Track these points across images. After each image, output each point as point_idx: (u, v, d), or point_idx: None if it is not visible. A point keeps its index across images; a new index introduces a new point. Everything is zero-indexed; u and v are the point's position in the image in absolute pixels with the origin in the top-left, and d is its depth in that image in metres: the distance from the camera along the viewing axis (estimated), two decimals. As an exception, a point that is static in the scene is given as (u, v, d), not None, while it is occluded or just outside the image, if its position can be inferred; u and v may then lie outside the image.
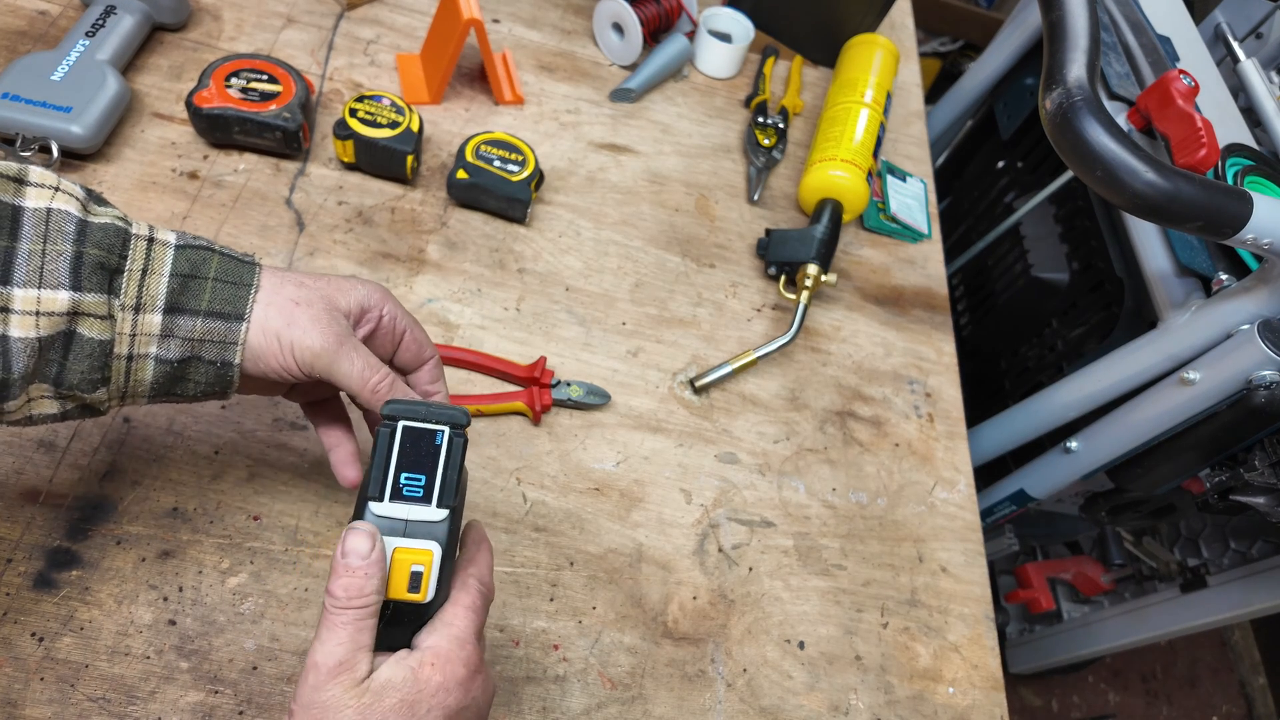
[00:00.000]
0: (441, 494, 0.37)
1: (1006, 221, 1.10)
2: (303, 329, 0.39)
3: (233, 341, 0.38)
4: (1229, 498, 0.78)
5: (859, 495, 0.67)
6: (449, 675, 0.35)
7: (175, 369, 0.38)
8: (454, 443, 0.38)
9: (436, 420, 0.38)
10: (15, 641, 0.44)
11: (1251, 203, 0.53)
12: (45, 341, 0.34)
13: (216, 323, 0.38)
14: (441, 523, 0.37)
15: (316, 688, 0.33)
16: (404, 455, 0.37)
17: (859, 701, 0.58)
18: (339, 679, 0.33)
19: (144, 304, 0.36)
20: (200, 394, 0.40)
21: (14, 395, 0.34)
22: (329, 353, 0.40)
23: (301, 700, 0.33)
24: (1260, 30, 0.92)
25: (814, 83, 0.97)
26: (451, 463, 0.38)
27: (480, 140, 0.70)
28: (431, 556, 0.36)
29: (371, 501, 0.37)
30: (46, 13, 0.69)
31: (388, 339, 0.44)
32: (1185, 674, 1.67)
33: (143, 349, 0.37)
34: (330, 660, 0.33)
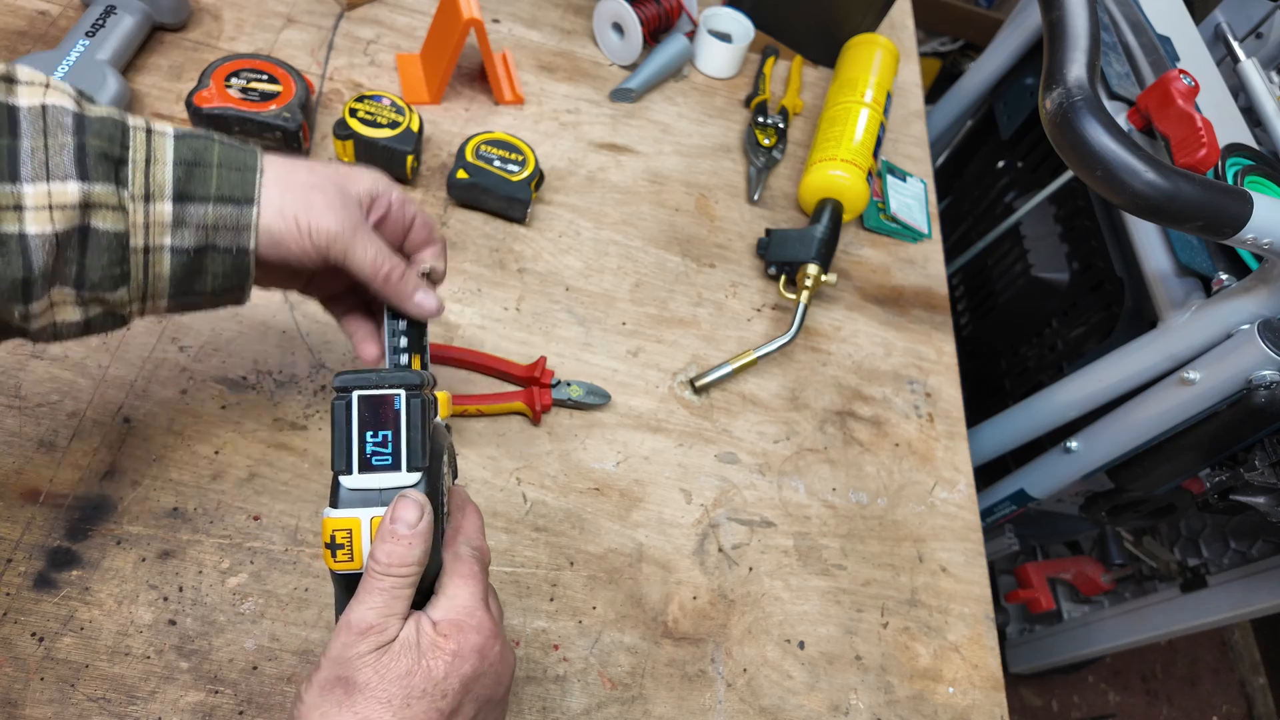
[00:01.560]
0: (410, 458, 0.37)
1: (1007, 221, 1.10)
2: (319, 212, 0.40)
3: (245, 226, 0.38)
4: (1229, 497, 0.78)
5: (859, 495, 0.67)
6: (463, 643, 0.36)
7: (191, 260, 0.38)
8: (412, 405, 0.37)
9: (390, 385, 0.38)
10: (15, 641, 0.44)
11: (1251, 202, 0.53)
12: (62, 237, 0.34)
13: (228, 208, 0.38)
14: (415, 486, 0.37)
15: (347, 645, 0.34)
16: (365, 425, 0.37)
17: (859, 701, 0.58)
18: (368, 638, 0.34)
19: (153, 193, 0.36)
20: (219, 290, 0.40)
21: (37, 295, 0.35)
22: (345, 237, 0.40)
23: (329, 655, 0.34)
24: (1260, 30, 0.92)
25: (814, 83, 0.97)
26: (413, 424, 0.37)
27: (480, 140, 0.70)
28: None
29: (341, 476, 0.36)
30: (47, 13, 0.69)
31: (398, 225, 0.45)
32: (1185, 674, 1.67)
33: (157, 240, 0.37)
34: (362, 622, 0.34)
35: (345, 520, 0.36)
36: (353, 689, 0.33)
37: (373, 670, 0.33)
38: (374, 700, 0.33)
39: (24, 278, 0.34)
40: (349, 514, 0.36)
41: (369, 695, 0.33)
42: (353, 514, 0.36)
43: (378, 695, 0.33)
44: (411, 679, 0.34)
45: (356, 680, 0.33)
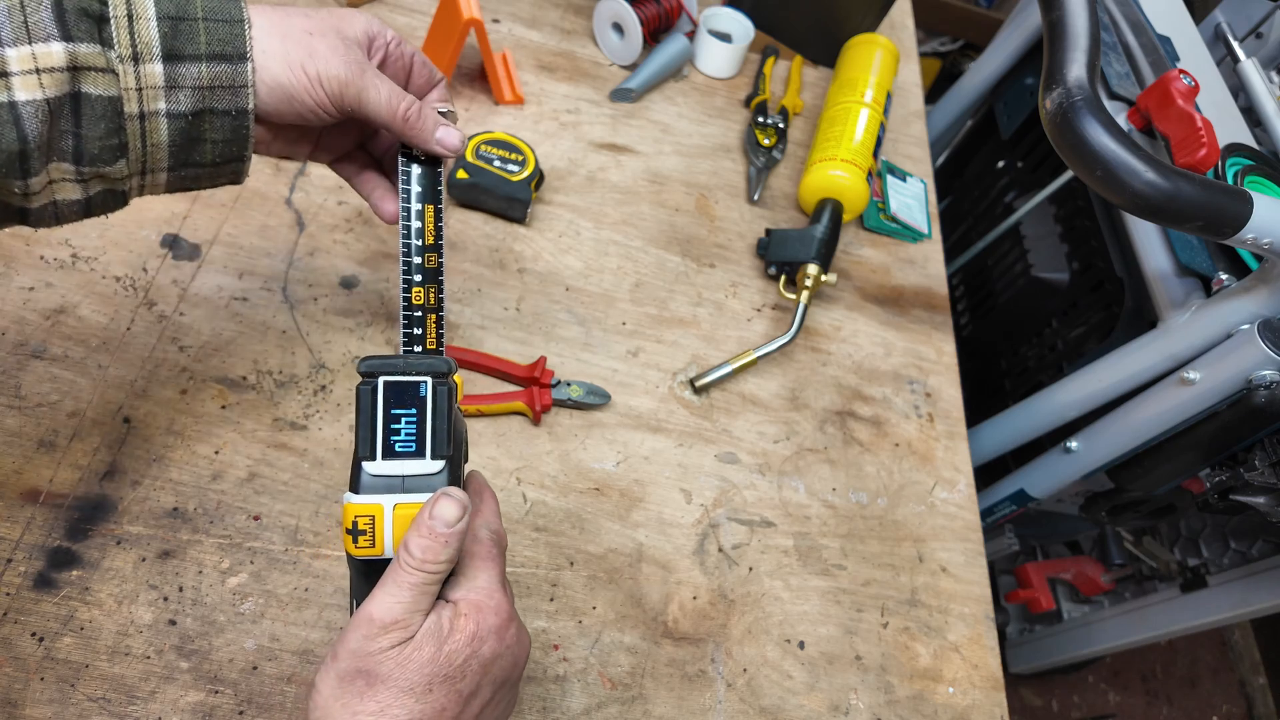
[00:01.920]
0: (434, 445, 0.37)
1: (1007, 221, 1.10)
2: (325, 59, 0.39)
3: (243, 84, 0.37)
4: (1229, 497, 0.78)
5: (859, 495, 0.67)
6: (481, 624, 0.36)
7: (190, 125, 0.37)
8: (439, 392, 0.37)
9: (417, 371, 0.37)
10: (15, 641, 0.44)
11: (1251, 202, 0.53)
12: (54, 104, 0.33)
13: (221, 66, 0.36)
14: (439, 474, 0.37)
15: (368, 638, 0.33)
16: (390, 411, 0.37)
17: (859, 701, 0.58)
18: (390, 634, 0.34)
19: (140, 53, 0.35)
20: (219, 158, 0.39)
21: (35, 170, 0.34)
22: (356, 80, 0.39)
23: (348, 646, 0.34)
24: (1260, 30, 0.92)
25: (814, 82, 0.97)
26: (439, 412, 0.37)
27: (480, 140, 0.70)
28: None
29: (365, 462, 0.36)
30: (46, 13, 0.69)
31: (399, 67, 0.44)
32: (1185, 674, 1.67)
33: (152, 104, 0.36)
34: (387, 616, 0.34)
35: (368, 506, 0.36)
36: (374, 680, 0.33)
37: (395, 663, 0.33)
38: (395, 689, 0.33)
39: (20, 150, 0.33)
40: (372, 500, 0.36)
41: (391, 685, 0.33)
42: (375, 500, 0.36)
43: (399, 684, 0.33)
44: (433, 665, 0.34)
45: (378, 673, 0.33)
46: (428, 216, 0.43)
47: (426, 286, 0.43)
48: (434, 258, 0.43)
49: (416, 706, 0.33)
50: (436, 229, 0.43)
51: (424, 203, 0.43)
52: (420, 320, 0.42)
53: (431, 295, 0.43)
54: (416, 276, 0.43)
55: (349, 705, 0.33)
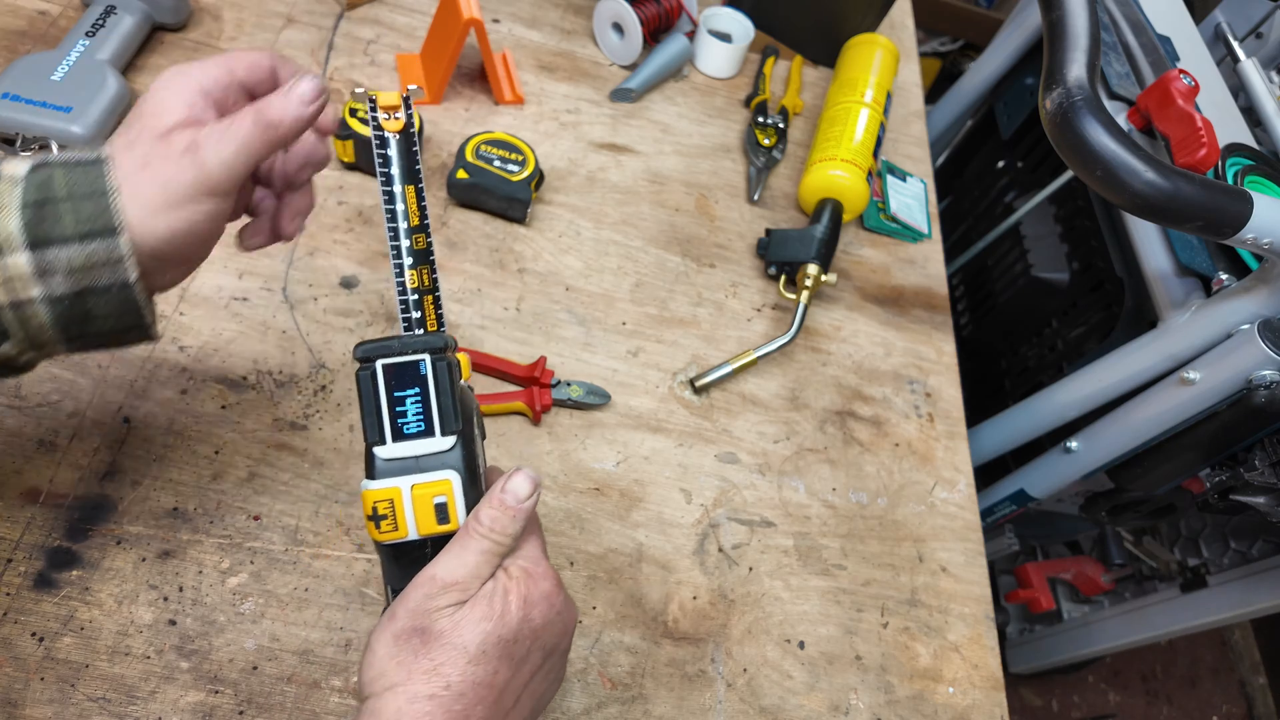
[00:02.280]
0: (443, 422, 0.37)
1: (1007, 221, 1.10)
2: (174, 179, 0.35)
3: (118, 259, 0.34)
4: (1229, 497, 0.78)
5: (859, 495, 0.67)
6: (532, 590, 0.36)
7: (72, 305, 0.35)
8: (439, 368, 0.37)
9: (414, 350, 0.37)
10: (15, 641, 0.44)
11: (1251, 202, 0.53)
12: None
13: (94, 244, 0.34)
14: (452, 450, 0.37)
15: (429, 596, 0.34)
16: (392, 394, 0.36)
17: (859, 701, 0.58)
18: (449, 593, 0.34)
19: (3, 246, 0.33)
20: (116, 329, 0.37)
21: None
22: (209, 173, 0.36)
23: (407, 605, 0.34)
24: (1260, 30, 0.92)
25: (814, 82, 0.97)
26: (443, 389, 0.37)
27: (480, 140, 0.70)
28: (450, 485, 0.36)
29: (376, 448, 0.36)
30: (46, 13, 0.69)
31: (254, 86, 0.40)
32: (1185, 674, 1.67)
33: (24, 293, 0.34)
34: (450, 576, 0.35)
35: (385, 491, 0.36)
36: (429, 638, 0.34)
37: (450, 622, 0.34)
38: (450, 648, 0.33)
39: None
40: (388, 484, 0.36)
41: (445, 643, 0.34)
42: (392, 484, 0.36)
43: (454, 643, 0.34)
44: (487, 625, 0.34)
45: (434, 630, 0.34)
46: (410, 197, 0.42)
47: (419, 268, 0.41)
48: (422, 238, 0.42)
49: (469, 667, 0.33)
50: (420, 209, 0.42)
51: (405, 183, 0.42)
52: (418, 303, 0.41)
53: (425, 277, 0.42)
54: (408, 260, 0.41)
55: (404, 663, 0.33)
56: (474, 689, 0.33)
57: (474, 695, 0.33)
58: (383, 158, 0.41)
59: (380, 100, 0.41)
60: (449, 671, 0.33)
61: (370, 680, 0.34)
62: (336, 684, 0.48)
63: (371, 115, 0.41)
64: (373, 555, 0.52)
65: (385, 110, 0.41)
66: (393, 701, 0.33)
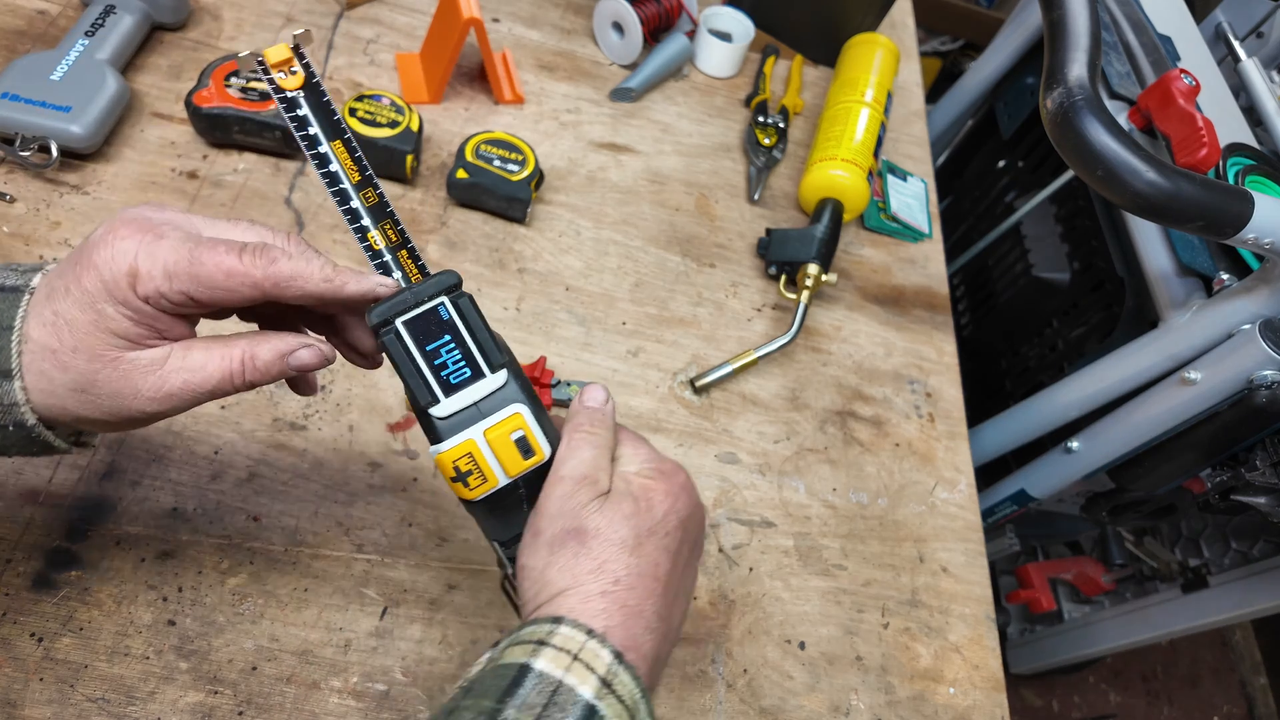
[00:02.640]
0: (487, 359, 0.35)
1: (1007, 221, 1.10)
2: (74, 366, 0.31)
3: (13, 404, 0.31)
4: (1230, 498, 0.77)
5: (859, 495, 0.67)
6: (672, 481, 0.36)
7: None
8: (460, 306, 0.35)
9: (429, 296, 0.35)
10: (14, 642, 0.44)
11: (1252, 202, 0.53)
12: None
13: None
14: (507, 384, 0.35)
15: (567, 496, 0.34)
16: (424, 348, 0.34)
17: (859, 702, 0.58)
18: (584, 488, 0.34)
19: None
20: (36, 451, 0.34)
21: None
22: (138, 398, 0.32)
23: (548, 512, 0.34)
24: (1261, 29, 0.91)
25: (814, 82, 0.97)
26: (474, 325, 0.35)
27: (480, 140, 0.70)
28: (522, 416, 0.35)
29: (431, 409, 0.34)
30: (46, 12, 0.69)
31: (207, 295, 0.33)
32: (1186, 674, 1.67)
33: None
34: (576, 472, 0.35)
35: (460, 447, 0.34)
36: (585, 536, 0.33)
37: (600, 516, 0.34)
38: (608, 543, 0.33)
39: None
40: (460, 439, 0.34)
41: (603, 539, 0.33)
42: (463, 438, 0.34)
43: (610, 539, 0.33)
44: (637, 519, 0.34)
45: (587, 528, 0.33)
46: (340, 153, 0.37)
47: (381, 225, 0.38)
48: (371, 193, 0.38)
49: (632, 560, 0.33)
50: (357, 162, 0.37)
51: (330, 140, 0.37)
52: (396, 262, 0.37)
53: (391, 232, 0.38)
54: (365, 220, 0.37)
55: (566, 567, 0.33)
56: (641, 581, 0.33)
57: (643, 588, 0.33)
58: (297, 120, 0.37)
59: (269, 58, 0.36)
60: (614, 567, 0.33)
61: (533, 596, 0.33)
62: (336, 684, 0.47)
63: (267, 80, 0.36)
64: (372, 556, 0.52)
65: (278, 68, 0.36)
66: (565, 604, 0.32)
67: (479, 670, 0.32)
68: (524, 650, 0.31)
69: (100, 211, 0.60)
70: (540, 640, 0.31)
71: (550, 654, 0.30)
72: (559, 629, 0.31)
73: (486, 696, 0.29)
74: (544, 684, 0.29)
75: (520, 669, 0.30)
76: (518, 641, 0.32)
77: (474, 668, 0.32)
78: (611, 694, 0.30)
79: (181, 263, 0.31)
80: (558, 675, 0.30)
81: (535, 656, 0.30)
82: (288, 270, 0.33)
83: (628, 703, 0.31)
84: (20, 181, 0.60)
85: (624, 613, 0.32)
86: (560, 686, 0.29)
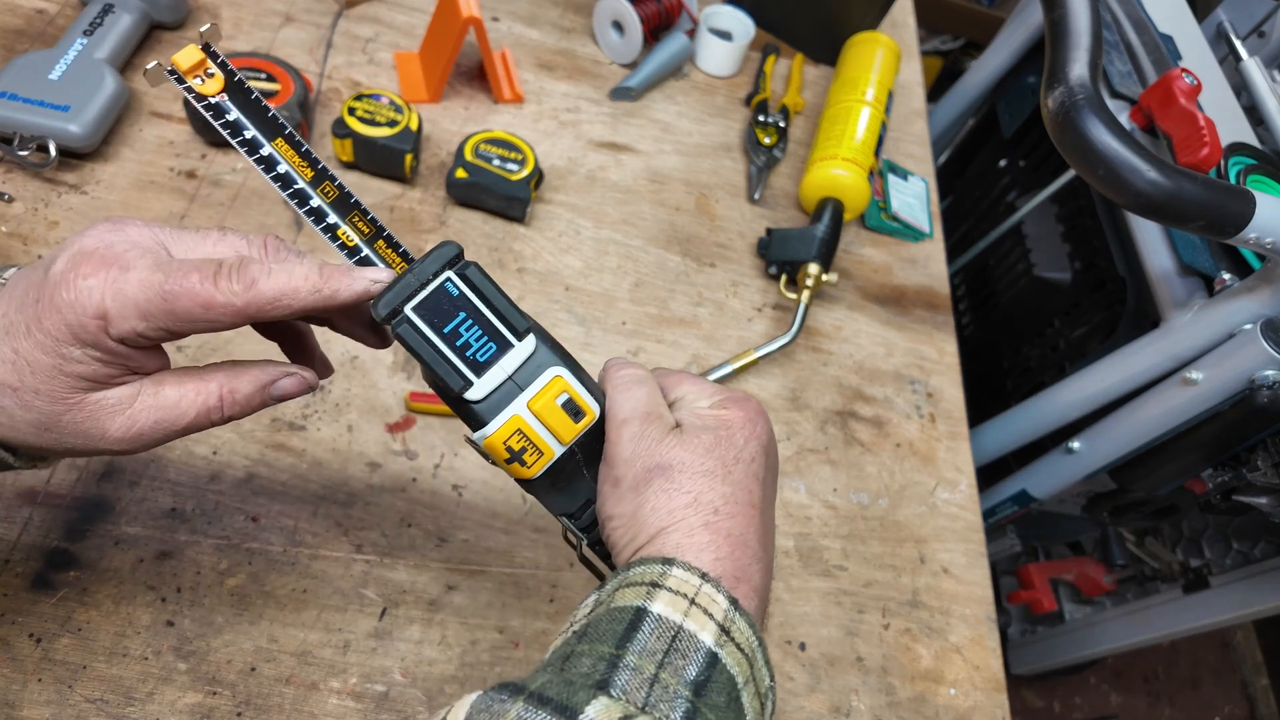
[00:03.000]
0: (510, 327, 0.33)
1: (1008, 221, 1.10)
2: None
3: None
4: (1231, 498, 0.77)
5: (860, 496, 0.67)
6: (748, 409, 0.35)
7: None
8: (469, 277, 0.33)
9: (432, 274, 0.33)
10: (13, 642, 0.44)
11: (1254, 202, 0.53)
12: None
13: None
14: (538, 349, 0.34)
15: (637, 436, 0.33)
16: (441, 330, 0.33)
17: (860, 703, 0.58)
18: (653, 425, 0.33)
19: None
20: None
21: None
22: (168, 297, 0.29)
23: (621, 456, 0.33)
24: (1263, 29, 0.91)
25: (815, 81, 0.97)
26: (489, 294, 0.33)
27: (479, 139, 0.70)
28: (563, 378, 0.34)
29: (466, 395, 0.33)
30: (44, 11, 0.69)
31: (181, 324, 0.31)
32: (1187, 675, 1.67)
33: None
34: (638, 410, 0.34)
35: (507, 426, 0.33)
36: (670, 471, 0.32)
37: (680, 449, 0.33)
38: (697, 475, 0.32)
39: None
40: (505, 418, 0.33)
41: (689, 472, 0.32)
42: (507, 415, 0.33)
43: (697, 470, 0.32)
44: (720, 449, 0.33)
45: (670, 463, 0.32)
46: (285, 151, 0.34)
47: (350, 218, 0.35)
48: (330, 186, 0.34)
49: (725, 489, 0.32)
50: (305, 156, 0.34)
51: (271, 139, 0.34)
52: (375, 255, 0.35)
53: (361, 224, 0.35)
54: (331, 217, 0.34)
55: (659, 506, 0.32)
56: (740, 509, 0.32)
57: (744, 516, 0.32)
58: (229, 126, 0.33)
59: (180, 64, 0.32)
60: (711, 498, 0.32)
61: (628, 542, 0.32)
62: (335, 685, 0.47)
63: (185, 89, 0.33)
64: (370, 557, 0.52)
65: (192, 73, 0.32)
66: (668, 542, 0.31)
67: (588, 613, 0.31)
68: (637, 593, 0.29)
69: (99, 211, 0.60)
70: (654, 582, 0.30)
71: (666, 597, 0.29)
72: (671, 570, 0.30)
73: (604, 641, 0.28)
74: (663, 628, 0.28)
75: (636, 612, 0.29)
76: (628, 584, 0.30)
77: (579, 610, 0.31)
78: (731, 641, 0.29)
79: (154, 300, 0.29)
80: (676, 620, 0.29)
81: (651, 600, 0.29)
82: (271, 291, 0.30)
83: (746, 651, 0.30)
84: (18, 181, 0.60)
85: (730, 543, 0.31)
86: (680, 631, 0.28)
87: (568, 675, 0.27)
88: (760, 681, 0.30)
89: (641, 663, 0.27)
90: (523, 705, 0.25)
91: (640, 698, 0.26)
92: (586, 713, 0.25)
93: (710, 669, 0.28)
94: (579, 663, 0.28)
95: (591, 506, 0.37)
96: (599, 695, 0.26)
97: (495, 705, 0.25)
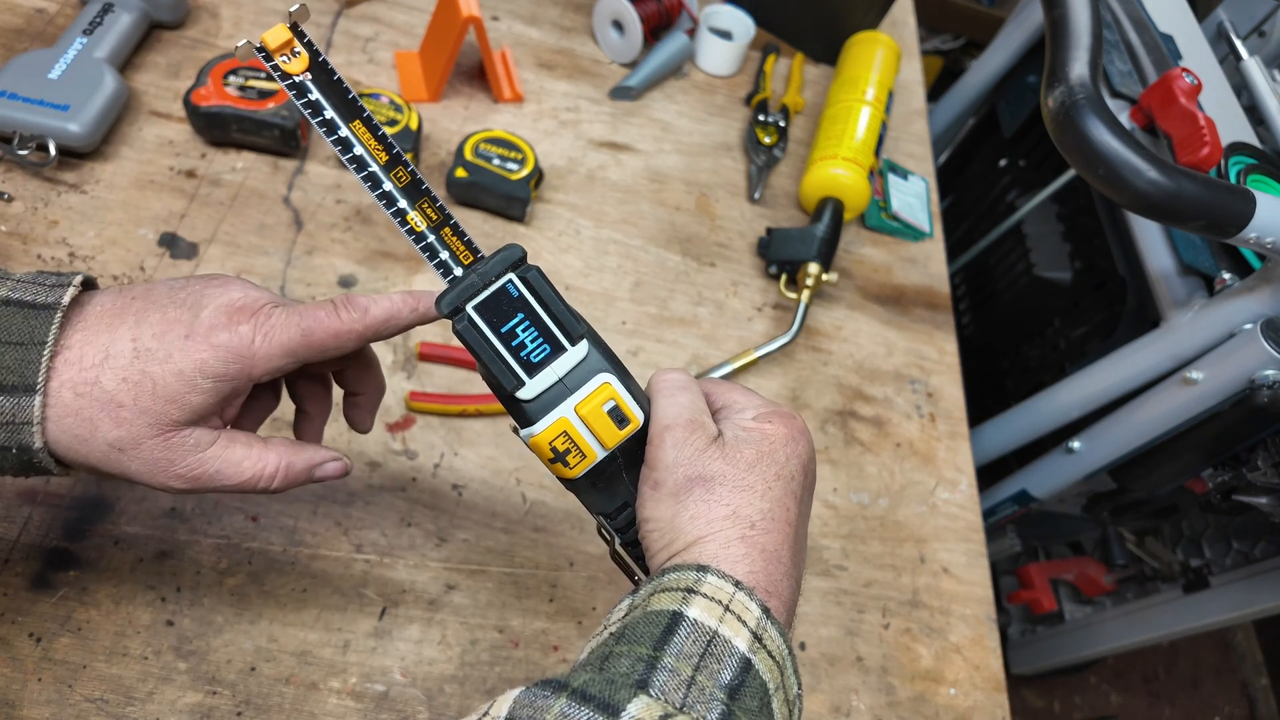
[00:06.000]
0: (566, 332, 0.34)
1: (1009, 220, 1.10)
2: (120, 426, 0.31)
3: (26, 421, 0.30)
4: (1232, 498, 0.77)
5: (860, 495, 0.67)
6: (790, 425, 0.36)
7: None
8: (530, 281, 0.34)
9: (496, 276, 0.34)
10: (13, 642, 0.44)
11: (1254, 201, 0.53)
12: None
13: (2, 399, 0.30)
14: (590, 354, 0.35)
15: (679, 444, 0.34)
16: (499, 330, 0.33)
17: (860, 703, 0.58)
18: (696, 434, 0.34)
19: None
20: (20, 473, 0.33)
21: None
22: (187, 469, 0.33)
23: (664, 463, 0.34)
24: (1263, 28, 0.91)
25: (815, 80, 0.97)
26: (547, 298, 0.34)
27: (479, 138, 0.70)
28: (612, 386, 0.35)
29: (518, 394, 0.34)
30: (44, 10, 0.69)
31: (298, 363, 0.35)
32: (1188, 675, 1.67)
33: None
34: (682, 418, 0.34)
35: (554, 427, 0.34)
36: (711, 483, 0.33)
37: (722, 461, 0.33)
38: (737, 489, 0.33)
39: None
40: (553, 419, 0.34)
41: (730, 484, 0.33)
42: (555, 417, 0.34)
43: (738, 484, 0.33)
44: (761, 465, 0.34)
45: (710, 473, 0.33)
46: (362, 133, 0.34)
47: (419, 204, 0.35)
48: (402, 171, 0.35)
49: (764, 505, 0.33)
50: (381, 141, 0.35)
51: (349, 121, 0.34)
52: (440, 242, 0.35)
53: (430, 210, 0.35)
54: (401, 201, 0.35)
55: (697, 515, 0.32)
56: (775, 525, 0.33)
57: (778, 532, 0.33)
58: (310, 105, 0.34)
59: (269, 42, 0.33)
60: (749, 512, 0.32)
61: (664, 547, 0.33)
62: (335, 685, 0.47)
63: (270, 66, 0.33)
64: (370, 556, 0.52)
65: (279, 52, 0.33)
66: (705, 552, 0.32)
67: (623, 616, 0.31)
68: (673, 598, 0.30)
69: (98, 210, 0.60)
70: (689, 588, 0.30)
71: (701, 603, 0.30)
72: (706, 577, 0.31)
73: (641, 643, 0.29)
74: (699, 633, 0.29)
75: (673, 616, 0.30)
76: (663, 589, 0.31)
77: (614, 613, 0.32)
78: (763, 648, 0.30)
79: (295, 337, 0.33)
80: (712, 625, 0.29)
81: (686, 605, 0.30)
82: (381, 314, 0.35)
83: (777, 658, 0.30)
84: (18, 180, 0.59)
85: (764, 558, 0.32)
86: (715, 637, 0.29)
87: (608, 674, 0.28)
88: (789, 689, 0.31)
89: (679, 665, 0.28)
90: (565, 702, 0.25)
91: (678, 698, 0.27)
92: (629, 710, 0.25)
93: (744, 674, 0.29)
94: (618, 663, 0.29)
95: (628, 509, 0.37)
96: (639, 694, 0.26)
97: (539, 701, 0.26)
